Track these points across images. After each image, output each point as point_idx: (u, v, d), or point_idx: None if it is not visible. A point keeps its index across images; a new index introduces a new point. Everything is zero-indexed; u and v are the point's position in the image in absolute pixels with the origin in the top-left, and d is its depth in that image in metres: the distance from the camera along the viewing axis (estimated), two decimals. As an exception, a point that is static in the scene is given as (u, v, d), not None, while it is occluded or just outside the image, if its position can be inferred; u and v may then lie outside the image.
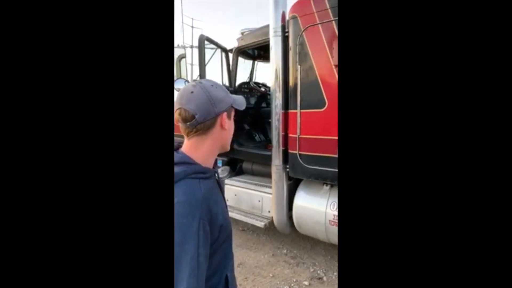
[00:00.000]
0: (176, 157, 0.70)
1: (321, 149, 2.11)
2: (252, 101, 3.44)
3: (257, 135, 3.42)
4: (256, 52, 3.53)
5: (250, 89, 3.52)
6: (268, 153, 2.61)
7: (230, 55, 3.14)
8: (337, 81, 1.98)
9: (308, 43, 2.09)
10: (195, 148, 0.72)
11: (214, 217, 0.66)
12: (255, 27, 2.91)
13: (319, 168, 2.13)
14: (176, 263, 0.56)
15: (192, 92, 0.68)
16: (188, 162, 0.70)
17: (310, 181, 2.44)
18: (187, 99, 0.68)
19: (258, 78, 3.87)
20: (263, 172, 2.91)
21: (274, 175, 2.46)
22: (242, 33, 2.99)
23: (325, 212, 2.24)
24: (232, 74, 3.13)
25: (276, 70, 2.31)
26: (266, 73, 3.93)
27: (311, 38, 2.07)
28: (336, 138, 2.02)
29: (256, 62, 3.70)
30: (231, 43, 3.10)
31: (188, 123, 0.68)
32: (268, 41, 2.43)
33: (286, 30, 2.26)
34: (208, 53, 2.87)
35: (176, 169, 0.65)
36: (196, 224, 0.61)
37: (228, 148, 0.80)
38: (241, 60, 3.28)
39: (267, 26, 2.44)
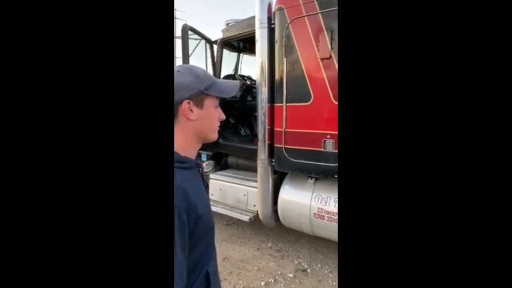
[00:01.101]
0: None
1: (307, 143, 2.11)
2: (238, 94, 3.39)
3: (243, 129, 3.38)
4: (241, 44, 3.47)
5: (235, 82, 3.46)
6: (254, 147, 2.59)
7: (215, 46, 3.07)
8: (322, 74, 1.98)
9: (295, 36, 2.07)
10: None
11: (192, 207, 0.63)
12: (241, 18, 2.85)
13: (304, 161, 2.14)
14: None
15: None
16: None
17: (295, 175, 2.45)
18: None
19: (243, 71, 3.83)
20: (249, 166, 2.89)
21: (259, 169, 2.45)
22: (227, 24, 2.92)
23: (309, 205, 2.26)
24: (216, 66, 3.06)
25: (262, 62, 2.28)
26: (251, 66, 3.89)
27: (297, 31, 2.05)
28: (322, 132, 2.03)
29: (241, 54, 3.64)
30: (216, 35, 3.03)
31: None
32: (254, 33, 2.39)
33: (272, 22, 2.23)
34: (191, 44, 2.78)
35: None
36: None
37: (211, 138, 0.73)
38: (225, 52, 3.22)
39: (253, 18, 2.39)
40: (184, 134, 0.69)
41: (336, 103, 1.93)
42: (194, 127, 0.69)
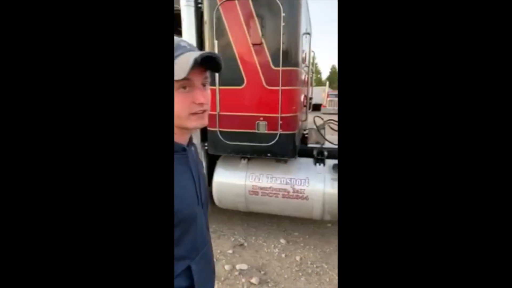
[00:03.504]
0: None
1: (242, 125, 2.21)
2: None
3: None
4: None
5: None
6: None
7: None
8: (254, 59, 2.08)
9: (225, 19, 2.07)
10: None
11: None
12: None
13: (239, 143, 2.24)
14: None
15: None
16: None
17: (226, 157, 2.53)
18: None
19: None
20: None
21: (192, 154, 2.40)
22: None
23: (244, 185, 2.41)
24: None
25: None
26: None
27: (228, 14, 2.06)
28: (255, 114, 2.17)
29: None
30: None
31: None
32: (176, 10, 2.25)
33: (200, 0, 2.15)
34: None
35: None
36: None
37: (188, 125, 0.63)
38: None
39: (175, -7, 2.24)
40: None
41: (268, 87, 2.09)
42: None
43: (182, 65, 0.56)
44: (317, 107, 13.06)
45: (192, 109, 0.62)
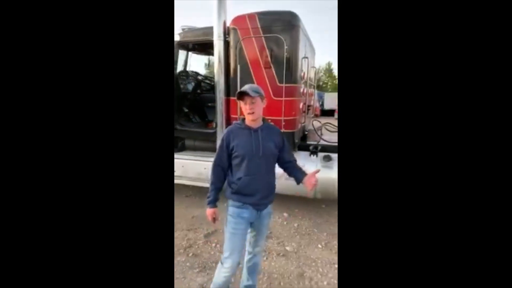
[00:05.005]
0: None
1: (255, 125, 3.02)
2: (190, 87, 4.02)
3: (194, 117, 4.04)
4: (191, 45, 4.06)
5: (187, 76, 4.06)
6: (211, 130, 3.34)
7: (170, 46, 3.59)
8: (265, 78, 2.90)
9: (245, 49, 2.91)
10: None
11: (231, 140, 1.51)
12: (194, 25, 3.49)
13: (253, 138, 3.05)
14: None
15: None
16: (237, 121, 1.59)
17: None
18: None
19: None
20: (205, 147, 3.62)
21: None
22: (183, 29, 3.50)
23: (256, 170, 3.21)
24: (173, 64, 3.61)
25: (219, 64, 3.04)
26: (196, 63, 4.51)
27: (247, 46, 2.90)
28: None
29: (189, 53, 4.23)
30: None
31: None
32: (209, 40, 3.12)
33: (227, 36, 3.01)
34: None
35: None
36: (221, 139, 1.52)
37: (249, 118, 1.50)
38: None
39: (209, 28, 3.11)
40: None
41: (274, 98, 2.90)
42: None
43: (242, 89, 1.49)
44: (331, 113, 12.70)
45: (246, 112, 1.51)
